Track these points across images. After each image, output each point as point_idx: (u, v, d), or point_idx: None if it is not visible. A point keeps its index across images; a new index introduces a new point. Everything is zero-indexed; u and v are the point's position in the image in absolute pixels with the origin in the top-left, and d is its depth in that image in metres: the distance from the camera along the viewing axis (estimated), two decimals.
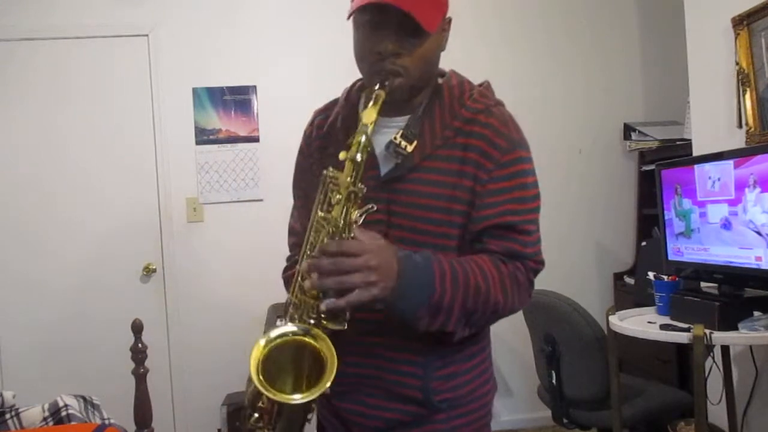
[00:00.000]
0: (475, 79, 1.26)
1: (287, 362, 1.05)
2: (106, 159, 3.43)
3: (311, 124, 1.32)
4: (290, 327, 1.05)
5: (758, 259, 2.04)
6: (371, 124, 1.06)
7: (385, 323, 1.11)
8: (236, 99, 3.50)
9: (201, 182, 3.49)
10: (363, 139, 1.04)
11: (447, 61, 1.48)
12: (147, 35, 3.44)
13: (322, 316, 1.03)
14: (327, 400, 1.20)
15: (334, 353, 1.01)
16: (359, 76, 1.24)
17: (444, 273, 1.05)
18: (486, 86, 1.21)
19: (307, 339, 1.04)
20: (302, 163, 1.32)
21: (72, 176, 3.41)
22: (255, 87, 3.52)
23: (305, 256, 1.08)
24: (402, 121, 1.16)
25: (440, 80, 1.21)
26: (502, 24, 3.67)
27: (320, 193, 1.09)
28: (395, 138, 1.12)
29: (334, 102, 1.31)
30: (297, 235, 1.29)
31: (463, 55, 3.56)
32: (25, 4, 3.39)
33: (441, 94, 1.18)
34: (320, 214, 1.08)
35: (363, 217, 1.05)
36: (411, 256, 1.05)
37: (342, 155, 1.06)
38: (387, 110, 1.13)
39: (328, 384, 0.99)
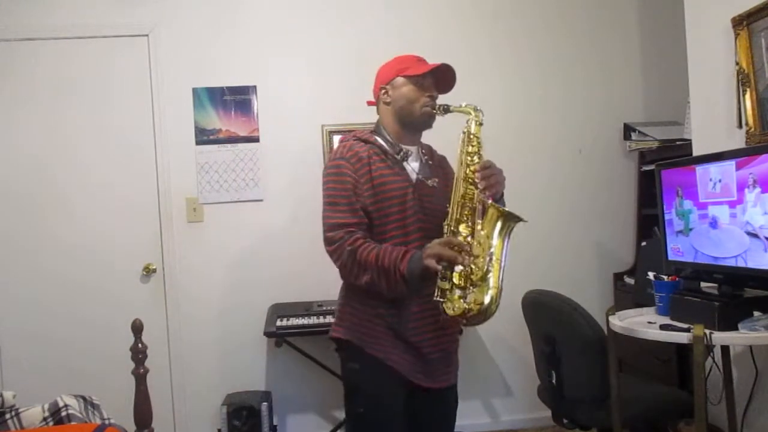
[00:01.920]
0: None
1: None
2: (106, 159, 3.43)
3: (351, 150, 1.90)
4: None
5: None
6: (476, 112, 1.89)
7: None
8: (236, 99, 3.50)
9: (201, 182, 3.49)
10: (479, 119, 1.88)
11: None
12: (147, 35, 3.45)
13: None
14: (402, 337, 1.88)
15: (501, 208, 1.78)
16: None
17: None
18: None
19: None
20: (354, 176, 1.87)
21: (72, 176, 3.41)
22: (255, 87, 3.51)
23: (467, 170, 1.84)
24: (413, 147, 1.98)
25: None
26: (503, 24, 3.67)
27: (463, 143, 1.86)
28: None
29: (354, 140, 1.95)
30: (353, 227, 1.83)
31: (465, 56, 3.61)
32: (26, 4, 3.39)
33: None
34: (467, 148, 1.86)
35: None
36: None
37: (472, 126, 1.87)
38: (408, 140, 1.96)
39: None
